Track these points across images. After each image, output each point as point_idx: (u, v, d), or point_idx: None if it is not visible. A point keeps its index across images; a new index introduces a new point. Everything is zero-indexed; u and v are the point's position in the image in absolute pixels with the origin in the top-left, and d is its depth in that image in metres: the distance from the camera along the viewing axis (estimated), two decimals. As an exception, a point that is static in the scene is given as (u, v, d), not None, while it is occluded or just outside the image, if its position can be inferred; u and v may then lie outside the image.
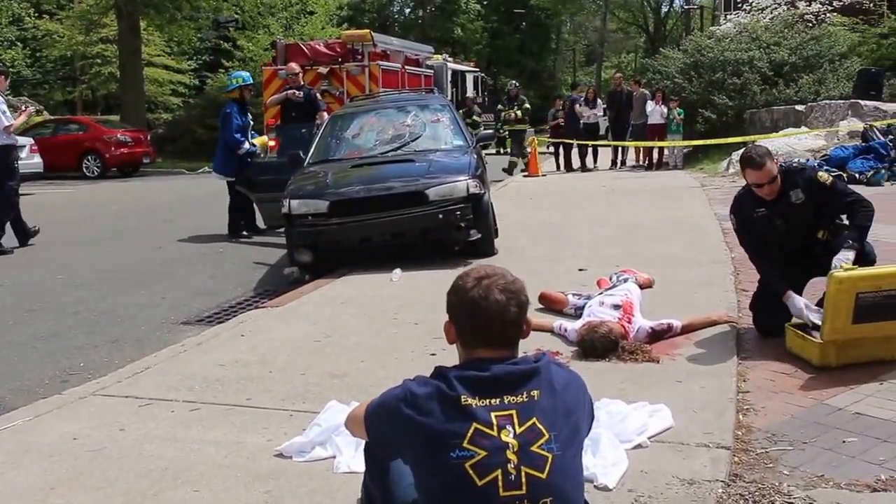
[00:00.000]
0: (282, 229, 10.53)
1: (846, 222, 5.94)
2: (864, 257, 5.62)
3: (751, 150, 5.96)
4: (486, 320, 2.70)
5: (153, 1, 34.68)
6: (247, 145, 12.79)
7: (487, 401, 2.63)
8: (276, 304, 8.02)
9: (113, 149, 28.62)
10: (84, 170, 28.37)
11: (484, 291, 2.70)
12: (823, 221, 5.95)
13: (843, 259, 5.42)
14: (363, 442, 3.10)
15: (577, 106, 22.94)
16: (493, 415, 2.61)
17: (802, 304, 5.68)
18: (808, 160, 15.39)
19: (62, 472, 4.22)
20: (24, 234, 12.64)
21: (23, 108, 13.62)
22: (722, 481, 3.79)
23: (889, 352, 5.34)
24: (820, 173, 5.96)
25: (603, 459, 3.88)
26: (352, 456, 4.04)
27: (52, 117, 34.58)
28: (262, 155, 13.09)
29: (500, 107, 23.27)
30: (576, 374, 2.91)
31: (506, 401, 2.63)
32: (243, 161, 12.81)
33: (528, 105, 22.55)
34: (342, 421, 4.09)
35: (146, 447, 4.50)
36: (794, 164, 6.27)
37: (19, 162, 12.91)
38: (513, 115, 21.72)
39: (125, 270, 10.55)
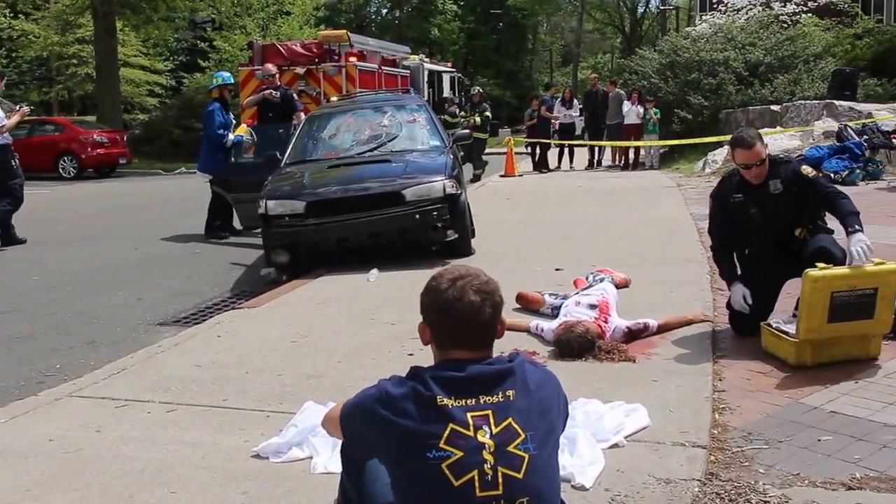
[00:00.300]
0: (259, 230, 10.51)
1: (826, 226, 6.00)
2: (834, 258, 5.65)
3: (742, 130, 6.03)
4: (461, 322, 2.69)
5: (129, 1, 34.51)
6: (231, 136, 12.81)
7: (463, 401, 2.63)
8: (253, 305, 8.00)
9: (89, 149, 28.48)
10: (60, 171, 28.21)
11: (458, 293, 2.69)
12: (803, 219, 5.99)
13: (861, 242, 5.32)
14: (340, 442, 3.09)
15: (545, 109, 23.04)
16: (469, 415, 2.61)
17: (740, 295, 5.86)
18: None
19: (38, 474, 4.20)
20: (8, 238, 12.65)
21: (16, 108, 13.73)
22: (698, 480, 3.81)
23: (864, 350, 5.37)
24: (804, 167, 5.98)
25: (580, 459, 3.89)
26: (328, 457, 4.03)
27: (28, 117, 34.31)
28: (249, 141, 13.06)
29: (462, 112, 23.01)
30: (550, 372, 2.91)
31: (482, 401, 2.63)
32: (229, 159, 12.88)
33: (488, 113, 22.36)
34: (319, 422, 4.09)
35: (122, 448, 4.48)
36: (780, 157, 6.32)
37: None
38: (473, 121, 21.47)
39: (101, 271, 10.50)
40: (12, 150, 12.89)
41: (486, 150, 23.74)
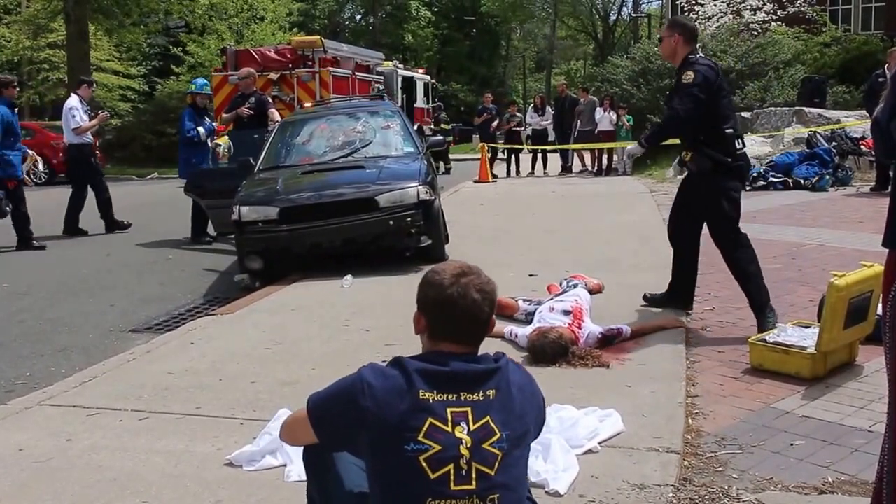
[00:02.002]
0: (232, 236, 10.46)
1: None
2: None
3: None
4: (461, 318, 2.73)
5: (102, 5, 34.28)
6: (202, 129, 13.01)
7: (445, 396, 2.65)
8: (227, 312, 7.96)
9: (61, 155, 28.14)
10: (31, 176, 27.94)
11: (462, 290, 2.72)
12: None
13: (629, 151, 6.72)
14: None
15: (477, 117, 23.32)
16: (448, 410, 2.63)
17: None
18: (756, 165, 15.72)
19: (7, 485, 4.16)
20: (112, 224, 14.15)
21: (97, 112, 14.08)
22: (672, 485, 3.82)
23: (850, 355, 5.41)
24: (687, 73, 6.23)
25: (554, 465, 3.90)
26: (302, 464, 4.01)
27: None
28: (226, 151, 13.07)
29: None
30: (532, 376, 2.93)
31: (462, 398, 2.66)
32: (203, 163, 13.01)
33: None
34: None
35: (94, 457, 4.45)
36: (700, 59, 6.42)
37: None
38: None
39: (73, 278, 10.42)
40: (94, 149, 14.22)
41: (460, 156, 23.76)
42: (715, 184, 6.34)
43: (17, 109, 13.26)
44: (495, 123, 23.79)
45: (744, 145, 6.54)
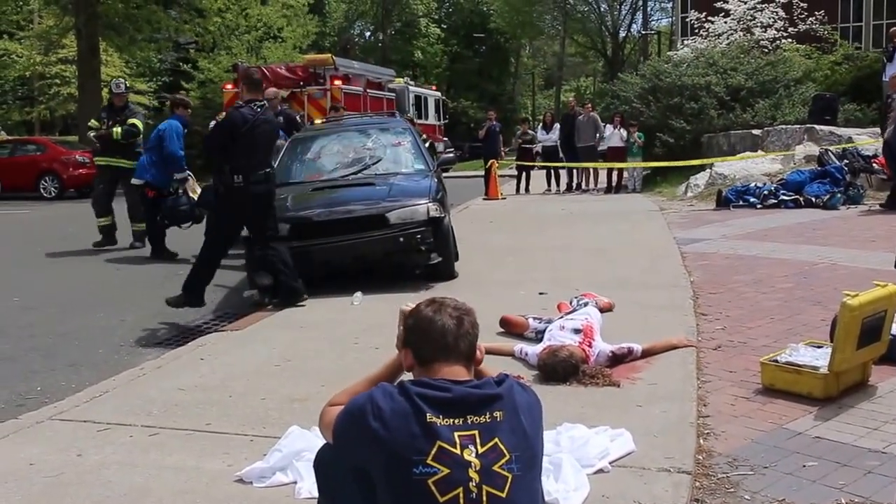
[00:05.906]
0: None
1: None
2: None
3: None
4: (441, 334, 2.83)
5: (113, 22, 34.47)
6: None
7: (451, 420, 2.69)
8: (237, 328, 7.96)
9: (71, 169, 28.31)
10: (41, 191, 28.06)
11: (436, 309, 2.89)
12: None
13: None
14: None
15: (480, 132, 23.69)
16: (456, 434, 2.67)
17: None
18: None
19: (17, 500, 4.15)
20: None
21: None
22: (683, 506, 3.80)
23: (863, 375, 5.37)
24: (220, 114, 7.33)
25: (565, 484, 3.88)
26: (313, 482, 4.00)
27: (9, 137, 34.29)
28: None
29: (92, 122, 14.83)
30: (538, 397, 2.96)
31: (469, 421, 2.70)
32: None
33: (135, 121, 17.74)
34: (303, 446, 4.10)
35: (104, 473, 4.44)
36: (243, 107, 8.58)
37: None
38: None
39: (83, 292, 10.44)
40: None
41: (468, 173, 23.44)
42: (221, 201, 8.63)
43: (185, 130, 12.86)
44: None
45: (245, 181, 8.33)
